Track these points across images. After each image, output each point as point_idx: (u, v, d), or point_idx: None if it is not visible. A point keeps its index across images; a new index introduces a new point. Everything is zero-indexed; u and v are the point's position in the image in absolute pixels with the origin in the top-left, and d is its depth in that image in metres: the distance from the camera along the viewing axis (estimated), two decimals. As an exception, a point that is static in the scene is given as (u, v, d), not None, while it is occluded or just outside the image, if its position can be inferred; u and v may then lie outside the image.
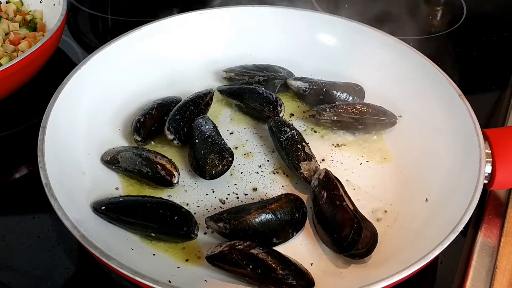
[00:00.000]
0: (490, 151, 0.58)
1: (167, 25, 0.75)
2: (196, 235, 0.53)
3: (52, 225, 0.58)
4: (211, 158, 0.60)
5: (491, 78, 0.85)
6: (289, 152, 0.61)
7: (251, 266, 0.48)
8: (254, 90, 0.70)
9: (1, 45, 0.77)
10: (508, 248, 0.57)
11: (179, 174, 0.59)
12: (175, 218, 0.53)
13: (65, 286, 0.53)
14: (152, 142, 0.66)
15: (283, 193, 0.58)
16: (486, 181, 0.58)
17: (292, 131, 0.63)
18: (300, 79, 0.72)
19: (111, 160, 0.60)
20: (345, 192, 0.56)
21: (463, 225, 0.49)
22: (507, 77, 0.84)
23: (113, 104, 0.68)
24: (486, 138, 0.59)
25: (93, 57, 0.67)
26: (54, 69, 0.77)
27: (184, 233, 0.52)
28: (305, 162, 0.60)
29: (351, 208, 0.54)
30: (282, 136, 0.63)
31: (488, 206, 0.62)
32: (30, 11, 0.87)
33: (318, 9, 0.97)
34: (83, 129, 0.63)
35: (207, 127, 0.64)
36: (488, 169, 0.57)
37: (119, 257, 0.45)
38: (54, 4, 0.83)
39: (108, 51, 0.69)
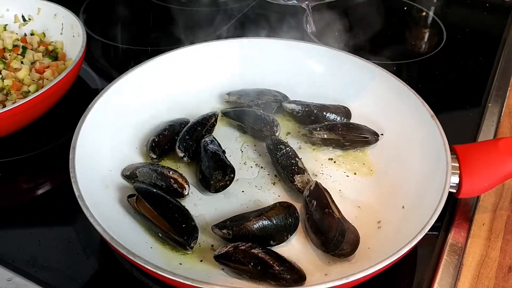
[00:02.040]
0: (457, 164, 0.66)
1: (176, 56, 0.83)
2: (192, 248, 0.60)
3: (80, 232, 0.66)
4: (215, 174, 0.68)
5: (465, 98, 0.93)
6: (285, 166, 0.70)
7: (252, 264, 0.56)
8: (253, 113, 0.79)
9: (29, 74, 0.85)
10: (473, 248, 0.65)
11: (189, 187, 0.68)
12: (183, 226, 0.61)
13: (93, 283, 0.61)
14: (165, 159, 0.74)
15: (278, 201, 0.67)
16: (454, 190, 0.66)
17: (287, 148, 0.72)
18: (294, 102, 0.81)
19: (130, 175, 0.69)
20: (333, 201, 0.65)
21: (429, 227, 0.57)
22: (479, 98, 0.92)
23: (130, 126, 0.76)
24: (454, 152, 0.67)
25: (112, 86, 0.76)
26: (74, 94, 0.85)
27: (182, 241, 0.60)
28: (299, 175, 0.69)
29: (337, 214, 0.63)
30: (278, 153, 0.71)
31: (458, 212, 0.69)
32: (52, 41, 0.95)
33: (310, 37, 1.06)
34: (105, 148, 0.71)
35: (212, 146, 0.72)
36: (456, 180, 0.65)
37: (143, 255, 0.53)
38: (73, 36, 0.91)
39: (124, 81, 0.77)
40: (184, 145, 0.73)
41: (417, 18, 1.21)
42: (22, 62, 0.88)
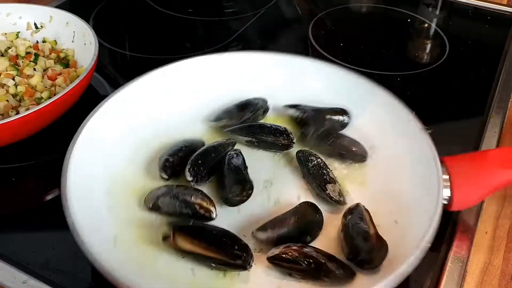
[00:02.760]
0: (448, 177, 0.65)
1: (166, 73, 0.83)
2: (251, 266, 0.59)
3: (92, 236, 0.67)
4: (234, 189, 0.67)
5: (468, 110, 0.94)
6: (316, 176, 0.71)
7: (306, 262, 0.58)
8: (261, 125, 0.79)
9: (41, 81, 0.87)
10: (477, 256, 0.67)
11: (215, 208, 0.65)
12: (236, 247, 0.60)
13: (106, 287, 0.60)
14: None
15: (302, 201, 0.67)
16: (446, 202, 0.65)
17: (318, 160, 0.73)
18: (294, 106, 0.82)
19: (154, 207, 0.66)
20: (371, 218, 0.64)
21: (426, 243, 0.57)
22: (482, 109, 0.93)
23: (124, 149, 0.75)
24: (444, 165, 0.66)
25: (100, 109, 0.75)
26: (83, 100, 0.85)
27: (240, 263, 0.59)
28: (330, 185, 0.70)
29: (372, 231, 0.62)
30: (309, 164, 0.72)
31: (461, 221, 0.71)
32: (63, 49, 0.96)
33: (315, 46, 1.09)
34: (100, 171, 0.69)
35: (236, 160, 0.72)
36: (447, 192, 0.65)
37: None
38: (85, 44, 0.93)
39: (114, 101, 0.77)
40: (195, 169, 0.70)
41: (420, 30, 1.23)
42: (34, 69, 0.89)
